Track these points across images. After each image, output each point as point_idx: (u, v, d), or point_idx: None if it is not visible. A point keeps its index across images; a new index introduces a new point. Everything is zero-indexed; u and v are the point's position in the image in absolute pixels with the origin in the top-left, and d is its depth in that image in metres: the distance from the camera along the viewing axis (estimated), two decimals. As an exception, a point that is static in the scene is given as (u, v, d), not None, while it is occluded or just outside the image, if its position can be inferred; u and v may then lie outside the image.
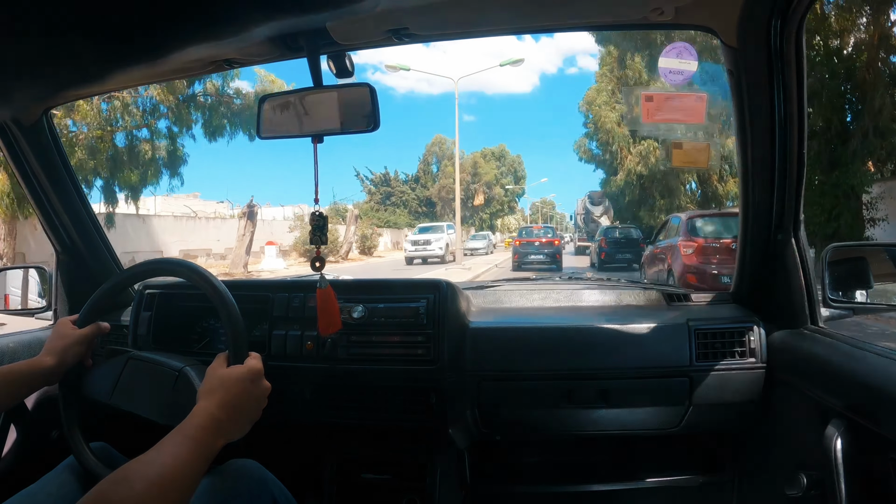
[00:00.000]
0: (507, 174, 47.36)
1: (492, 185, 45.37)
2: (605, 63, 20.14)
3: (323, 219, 1.11)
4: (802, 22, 1.01)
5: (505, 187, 46.43)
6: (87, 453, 0.98)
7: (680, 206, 17.06)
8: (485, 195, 44.42)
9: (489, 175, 45.23)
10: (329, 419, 1.31)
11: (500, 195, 46.12)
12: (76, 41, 0.84)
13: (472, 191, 44.01)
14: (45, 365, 0.97)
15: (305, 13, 0.92)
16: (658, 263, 8.77)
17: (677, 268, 7.69)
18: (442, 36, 1.20)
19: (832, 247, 1.27)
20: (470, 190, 43.48)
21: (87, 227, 1.51)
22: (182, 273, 0.99)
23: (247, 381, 0.84)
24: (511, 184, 47.89)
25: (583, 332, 1.29)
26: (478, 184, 44.62)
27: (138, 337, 1.35)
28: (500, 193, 46.25)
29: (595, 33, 15.29)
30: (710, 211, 7.95)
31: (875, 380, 0.89)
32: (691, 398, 1.25)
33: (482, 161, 45.89)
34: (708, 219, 8.12)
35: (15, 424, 1.35)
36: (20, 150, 1.35)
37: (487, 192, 44.86)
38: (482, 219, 45.64)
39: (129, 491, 0.62)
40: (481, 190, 44.51)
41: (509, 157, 48.88)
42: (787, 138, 1.09)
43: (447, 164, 43.62)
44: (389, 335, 1.26)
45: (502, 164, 47.67)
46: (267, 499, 0.95)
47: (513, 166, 48.40)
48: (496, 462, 1.55)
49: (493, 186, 45.40)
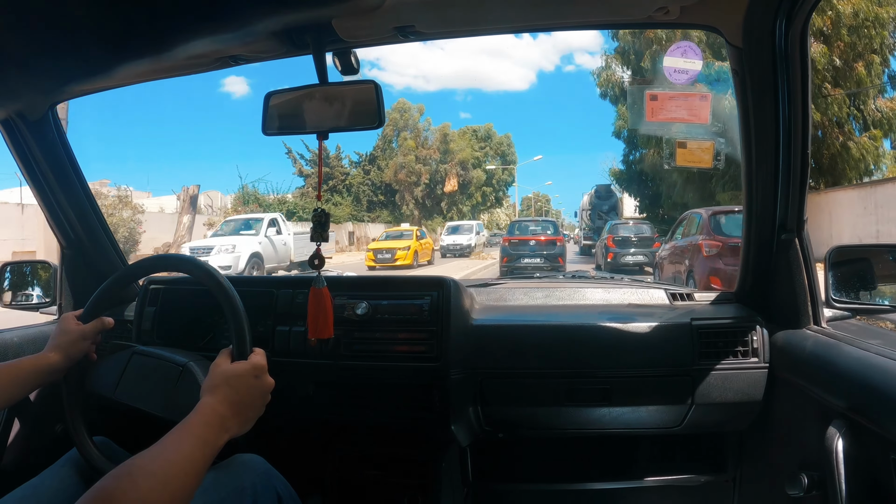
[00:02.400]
0: (493, 158, 37.66)
1: (468, 165, 34.95)
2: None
3: (325, 216, 1.11)
4: (807, 22, 1.01)
5: (486, 168, 36.31)
6: (90, 448, 0.99)
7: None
8: (458, 179, 34.53)
9: (464, 153, 34.86)
10: (332, 416, 1.31)
11: (481, 180, 36.03)
12: (82, 36, 0.85)
13: (442, 173, 34.26)
14: (50, 361, 0.97)
15: (311, 9, 0.93)
16: (676, 264, 8.09)
17: (699, 269, 7.07)
18: (447, 34, 1.20)
19: (836, 247, 1.27)
20: (438, 172, 34.20)
21: (92, 222, 1.52)
22: (186, 269, 1.00)
23: (250, 377, 0.84)
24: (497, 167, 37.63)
25: (585, 330, 1.29)
26: (449, 163, 34.30)
27: (142, 332, 1.35)
28: (481, 178, 36.01)
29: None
30: (734, 207, 7.50)
31: (877, 381, 0.89)
32: (693, 397, 1.26)
33: (456, 136, 35.85)
34: (733, 216, 7.21)
35: (19, 418, 1.36)
36: (25, 144, 1.35)
37: (463, 174, 34.66)
38: (461, 212, 35.45)
39: (133, 485, 0.62)
40: (454, 172, 34.34)
41: (496, 137, 38.41)
42: (791, 138, 1.09)
43: (406, 136, 34.47)
44: (393, 332, 1.27)
45: (488, 145, 37.91)
46: (271, 494, 0.95)
47: (500, 148, 38.41)
48: (498, 460, 1.56)
49: (469, 168, 35.09)
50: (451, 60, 70.34)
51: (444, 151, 34.63)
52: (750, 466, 1.40)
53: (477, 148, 36.69)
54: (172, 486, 0.65)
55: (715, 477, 1.48)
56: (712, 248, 6.96)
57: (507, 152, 38.40)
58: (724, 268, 6.63)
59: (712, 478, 1.48)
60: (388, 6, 0.95)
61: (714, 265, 6.86)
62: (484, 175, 36.37)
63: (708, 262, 6.94)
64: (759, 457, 1.35)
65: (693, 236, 7.65)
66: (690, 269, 7.44)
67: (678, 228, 8.80)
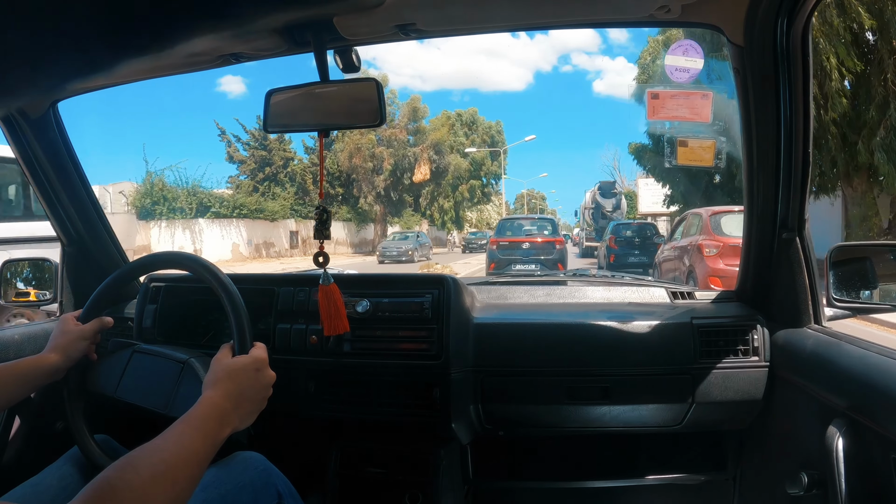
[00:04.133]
0: (480, 146, 31.01)
1: (443, 149, 27.56)
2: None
3: (327, 213, 1.12)
4: (809, 21, 1.00)
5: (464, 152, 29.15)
6: (92, 446, 0.99)
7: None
8: (432, 165, 27.23)
9: (439, 133, 27.42)
10: (333, 413, 1.31)
11: (461, 168, 28.92)
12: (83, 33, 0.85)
13: (411, 158, 27.03)
14: (51, 362, 0.98)
15: (313, 7, 0.93)
16: (676, 263, 8.00)
17: (700, 269, 7.00)
18: (448, 32, 1.20)
19: (837, 246, 1.27)
20: (406, 158, 26.93)
21: (94, 219, 1.52)
22: (186, 266, 1.00)
23: (251, 371, 0.85)
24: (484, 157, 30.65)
25: (586, 328, 1.29)
26: (420, 146, 27.21)
27: (143, 330, 1.35)
28: (461, 166, 28.87)
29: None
30: (734, 207, 7.40)
31: (877, 380, 0.89)
32: (694, 396, 1.26)
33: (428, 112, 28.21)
34: (734, 215, 7.15)
35: (20, 415, 1.36)
36: (27, 142, 1.35)
37: (437, 159, 27.41)
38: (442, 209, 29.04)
39: (135, 476, 0.62)
40: (425, 157, 26.99)
41: (483, 123, 32.07)
42: (792, 137, 1.09)
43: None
44: (394, 330, 1.27)
45: (473, 132, 31.67)
46: (271, 491, 0.96)
47: (488, 135, 32.06)
48: (499, 457, 1.56)
49: (445, 151, 27.74)
50: (447, 60, 70.28)
51: (415, 132, 27.56)
52: (750, 465, 1.40)
53: (461, 135, 30.67)
54: (174, 477, 0.66)
55: (715, 476, 1.48)
56: (713, 249, 6.95)
57: (497, 140, 32.25)
58: (724, 268, 6.60)
59: (712, 477, 1.48)
60: (390, 4, 0.95)
61: (715, 265, 6.82)
62: (464, 162, 29.33)
63: (709, 262, 6.91)
64: (759, 456, 1.35)
65: (693, 236, 7.58)
66: (691, 269, 7.35)
67: (678, 228, 8.76)
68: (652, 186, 20.01)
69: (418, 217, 29.49)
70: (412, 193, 28.60)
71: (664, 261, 8.73)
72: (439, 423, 1.27)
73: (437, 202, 29.20)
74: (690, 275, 7.33)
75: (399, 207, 28.75)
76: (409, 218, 29.50)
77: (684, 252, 7.76)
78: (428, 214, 29.62)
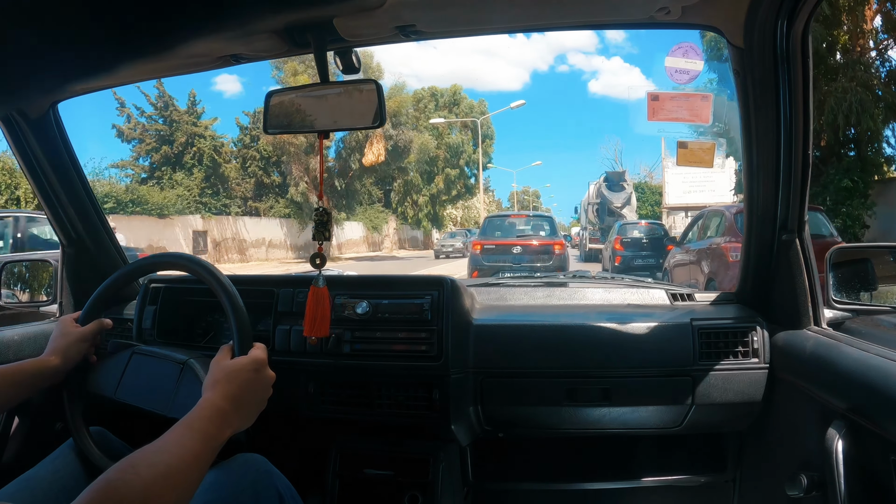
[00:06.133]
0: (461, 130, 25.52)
1: (404, 124, 21.47)
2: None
3: (327, 214, 1.12)
4: (808, 22, 1.00)
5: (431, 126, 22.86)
6: (92, 447, 0.99)
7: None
8: (387, 143, 20.92)
9: (394, 100, 20.80)
10: (332, 414, 1.31)
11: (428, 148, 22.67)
12: (84, 34, 0.85)
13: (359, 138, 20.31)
14: (50, 364, 0.98)
15: (313, 8, 0.93)
16: (692, 269, 6.98)
17: (723, 276, 6.04)
18: (448, 33, 1.20)
19: (836, 248, 1.27)
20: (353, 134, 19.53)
21: (94, 220, 1.52)
22: (185, 267, 1.00)
23: (251, 371, 0.85)
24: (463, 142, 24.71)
25: (586, 330, 1.29)
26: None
27: (143, 331, 1.35)
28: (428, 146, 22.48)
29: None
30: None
31: (877, 381, 0.89)
32: (693, 397, 1.26)
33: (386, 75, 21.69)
34: None
35: (19, 416, 1.36)
36: (27, 142, 1.35)
37: (394, 135, 21.08)
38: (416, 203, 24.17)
39: (136, 478, 0.63)
40: (379, 132, 19.51)
41: (466, 102, 26.69)
42: (792, 138, 1.09)
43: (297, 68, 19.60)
44: (393, 331, 1.27)
45: (454, 114, 26.00)
46: (272, 492, 0.96)
47: (470, 116, 26.67)
48: (498, 459, 1.56)
49: (405, 126, 21.59)
50: (444, 59, 70.09)
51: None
52: (750, 467, 1.40)
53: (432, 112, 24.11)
54: (175, 479, 0.66)
55: (715, 477, 1.48)
56: (738, 252, 5.66)
57: (484, 125, 26.48)
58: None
59: (712, 478, 1.48)
60: (390, 5, 0.95)
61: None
62: (432, 140, 22.76)
63: (734, 268, 5.64)
64: (759, 457, 1.35)
65: (713, 238, 6.65)
66: (711, 276, 6.38)
67: (691, 229, 7.80)
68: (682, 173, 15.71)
69: (387, 213, 24.28)
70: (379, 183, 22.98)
71: (676, 266, 7.71)
72: (439, 424, 1.27)
73: (411, 197, 24.52)
74: (710, 283, 6.35)
75: (349, 199, 22.44)
76: (368, 213, 24.34)
77: (702, 256, 6.80)
78: (400, 211, 25.19)
